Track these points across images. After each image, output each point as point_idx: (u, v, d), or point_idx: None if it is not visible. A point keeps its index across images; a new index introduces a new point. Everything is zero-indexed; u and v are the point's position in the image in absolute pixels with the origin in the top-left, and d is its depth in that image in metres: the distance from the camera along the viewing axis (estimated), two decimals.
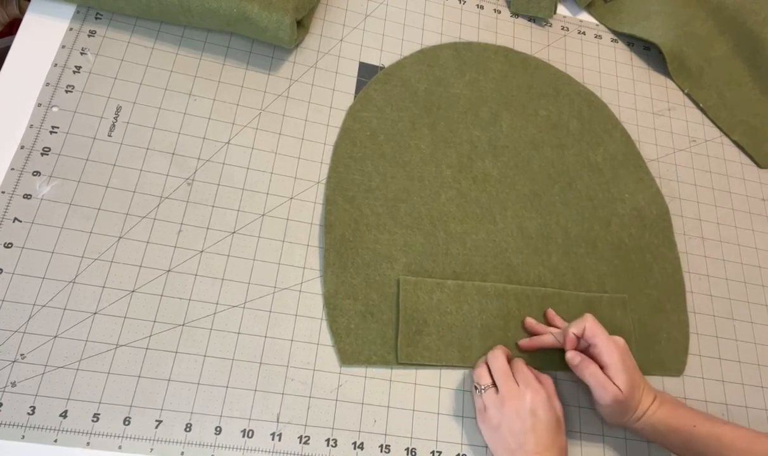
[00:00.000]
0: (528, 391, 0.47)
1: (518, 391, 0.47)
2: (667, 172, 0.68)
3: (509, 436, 0.47)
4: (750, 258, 0.65)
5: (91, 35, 0.58)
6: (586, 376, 0.49)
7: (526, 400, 0.47)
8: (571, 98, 0.68)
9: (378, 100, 0.62)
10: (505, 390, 0.48)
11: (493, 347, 0.53)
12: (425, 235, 0.57)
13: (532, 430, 0.46)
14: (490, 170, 0.62)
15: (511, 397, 0.47)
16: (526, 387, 0.47)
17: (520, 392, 0.47)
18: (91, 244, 0.50)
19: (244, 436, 0.47)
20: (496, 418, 0.48)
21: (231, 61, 0.60)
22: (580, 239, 0.61)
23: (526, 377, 0.48)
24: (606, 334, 0.49)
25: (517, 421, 0.46)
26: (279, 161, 0.58)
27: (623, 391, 0.48)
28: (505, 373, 0.49)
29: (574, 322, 0.51)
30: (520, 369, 0.49)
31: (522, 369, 0.49)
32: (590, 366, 0.49)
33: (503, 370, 0.49)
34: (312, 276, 0.54)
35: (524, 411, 0.46)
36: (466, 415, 0.52)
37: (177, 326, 0.50)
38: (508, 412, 0.47)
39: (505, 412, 0.47)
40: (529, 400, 0.47)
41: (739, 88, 0.74)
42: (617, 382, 0.48)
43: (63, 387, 0.46)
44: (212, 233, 0.53)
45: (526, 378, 0.48)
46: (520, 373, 0.49)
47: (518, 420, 0.46)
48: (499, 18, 0.72)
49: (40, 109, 0.54)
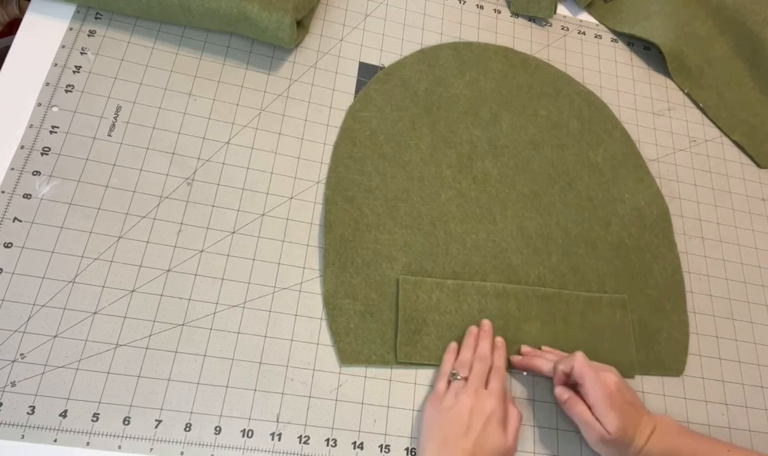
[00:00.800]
0: (492, 401, 0.47)
1: (484, 394, 0.47)
2: (667, 172, 0.68)
3: (447, 428, 0.45)
4: (750, 258, 0.65)
5: (91, 35, 0.58)
6: (573, 415, 0.49)
7: (486, 406, 0.46)
8: (571, 98, 0.68)
9: (378, 100, 0.62)
10: (474, 384, 0.48)
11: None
12: (425, 235, 0.57)
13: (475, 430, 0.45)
14: (490, 170, 0.62)
15: (475, 394, 0.47)
16: (493, 396, 0.47)
17: (486, 395, 0.47)
18: (91, 244, 0.50)
19: (243, 436, 0.47)
20: (449, 403, 0.47)
21: (231, 61, 0.60)
22: (580, 239, 0.61)
23: (498, 389, 0.48)
24: (594, 374, 0.47)
25: (468, 417, 0.45)
26: (279, 161, 0.58)
27: (610, 431, 0.46)
28: (482, 373, 0.49)
29: (563, 358, 0.50)
30: (497, 377, 0.49)
31: (499, 377, 0.49)
32: (578, 405, 0.48)
33: (482, 370, 0.49)
34: (312, 276, 0.54)
35: (477, 409, 0.46)
36: None
37: (177, 326, 0.50)
38: (465, 403, 0.46)
39: (461, 401, 0.46)
40: (489, 408, 0.46)
41: (739, 88, 0.74)
42: (604, 423, 0.46)
43: (63, 387, 0.46)
44: (212, 233, 0.53)
45: (498, 389, 0.48)
46: (495, 381, 0.49)
47: (469, 417, 0.45)
48: (499, 18, 0.72)
49: (40, 108, 0.54)
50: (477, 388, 0.47)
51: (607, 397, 0.47)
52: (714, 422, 0.56)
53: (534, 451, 0.52)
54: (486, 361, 0.50)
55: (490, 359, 0.50)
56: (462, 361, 0.50)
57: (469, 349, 0.51)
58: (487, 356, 0.50)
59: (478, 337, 0.52)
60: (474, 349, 0.51)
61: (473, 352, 0.51)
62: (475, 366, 0.49)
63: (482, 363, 0.50)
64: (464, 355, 0.51)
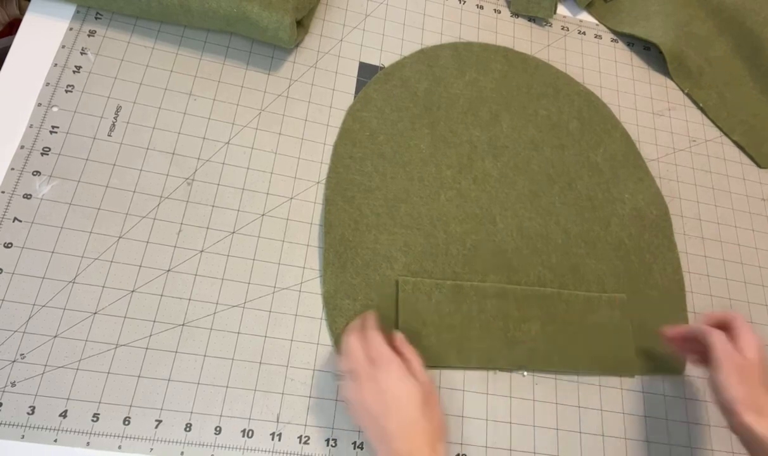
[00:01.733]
0: (380, 370, 0.43)
1: (370, 372, 0.43)
2: (667, 172, 0.68)
3: (372, 423, 0.43)
4: (750, 258, 0.65)
5: (91, 35, 0.58)
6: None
7: (379, 379, 0.43)
8: (571, 98, 0.68)
9: (378, 100, 0.62)
10: (360, 374, 0.44)
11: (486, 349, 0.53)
12: (425, 236, 0.57)
13: (390, 410, 0.42)
14: (490, 170, 0.62)
15: (366, 380, 0.43)
16: (378, 366, 0.43)
17: (372, 372, 0.43)
18: (91, 244, 0.50)
19: (243, 436, 0.47)
20: (358, 407, 0.44)
21: (231, 61, 0.60)
22: (579, 239, 0.61)
23: (379, 353, 0.44)
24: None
25: (375, 405, 0.42)
26: (279, 161, 0.58)
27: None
28: (357, 357, 0.44)
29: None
30: (373, 345, 0.45)
31: (374, 345, 0.45)
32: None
33: (354, 353, 0.45)
34: (312, 276, 0.54)
35: (379, 392, 0.42)
36: (467, 415, 0.52)
37: (177, 326, 0.50)
38: (366, 398, 0.43)
39: (364, 399, 0.43)
40: (382, 379, 0.43)
41: (739, 88, 0.74)
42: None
43: (63, 387, 0.46)
44: (212, 233, 0.53)
45: (379, 354, 0.44)
46: (373, 350, 0.44)
47: (375, 404, 0.42)
48: (499, 18, 0.72)
49: (40, 108, 0.54)
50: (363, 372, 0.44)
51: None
52: (714, 422, 0.56)
53: (534, 451, 0.52)
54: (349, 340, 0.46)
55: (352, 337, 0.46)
56: (337, 359, 0.48)
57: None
58: (348, 335, 0.46)
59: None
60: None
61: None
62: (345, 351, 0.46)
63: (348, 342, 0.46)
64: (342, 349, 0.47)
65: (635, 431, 0.55)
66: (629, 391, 0.56)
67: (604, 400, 0.55)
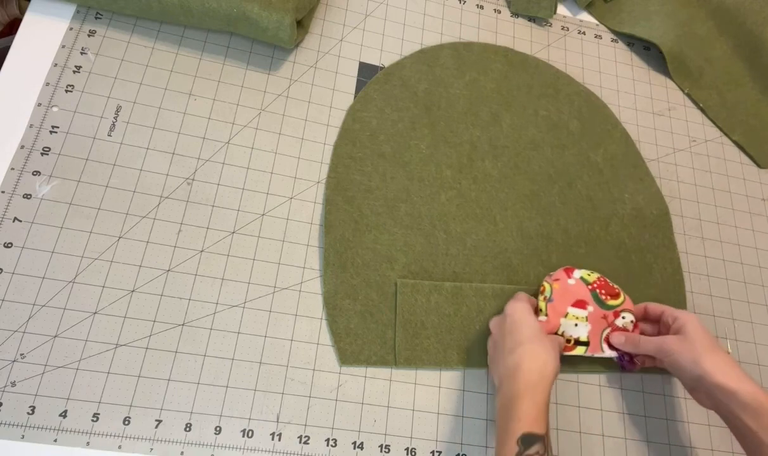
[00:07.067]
0: (507, 306, 0.52)
1: (504, 310, 0.52)
2: (667, 172, 0.68)
3: (494, 347, 0.51)
4: (750, 258, 0.65)
5: (91, 35, 0.58)
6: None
7: (506, 311, 0.51)
8: (571, 98, 0.68)
9: (378, 100, 0.62)
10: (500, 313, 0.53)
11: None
12: (425, 236, 0.57)
13: (507, 332, 0.49)
14: (490, 170, 0.62)
15: (499, 315, 0.53)
16: (507, 305, 0.52)
17: (504, 309, 0.52)
18: (91, 244, 0.50)
19: (243, 436, 0.47)
20: (492, 337, 0.52)
21: (231, 61, 0.60)
22: (580, 239, 0.61)
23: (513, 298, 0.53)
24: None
25: (497, 329, 0.51)
26: (279, 161, 0.58)
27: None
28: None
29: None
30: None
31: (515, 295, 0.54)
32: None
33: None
34: (312, 276, 0.54)
35: (502, 319, 0.51)
36: (467, 415, 0.52)
37: (177, 326, 0.50)
38: (494, 327, 0.52)
39: (493, 327, 0.52)
40: (507, 309, 0.51)
41: (739, 88, 0.74)
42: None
43: (63, 387, 0.46)
44: (212, 233, 0.53)
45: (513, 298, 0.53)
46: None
47: (498, 328, 0.51)
48: (499, 18, 0.72)
49: (40, 108, 0.54)
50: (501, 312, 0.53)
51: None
52: (714, 422, 0.56)
53: None
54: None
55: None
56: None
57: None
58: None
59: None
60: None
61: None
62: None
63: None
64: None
65: (635, 431, 0.55)
66: (629, 391, 0.56)
67: (604, 400, 0.55)
